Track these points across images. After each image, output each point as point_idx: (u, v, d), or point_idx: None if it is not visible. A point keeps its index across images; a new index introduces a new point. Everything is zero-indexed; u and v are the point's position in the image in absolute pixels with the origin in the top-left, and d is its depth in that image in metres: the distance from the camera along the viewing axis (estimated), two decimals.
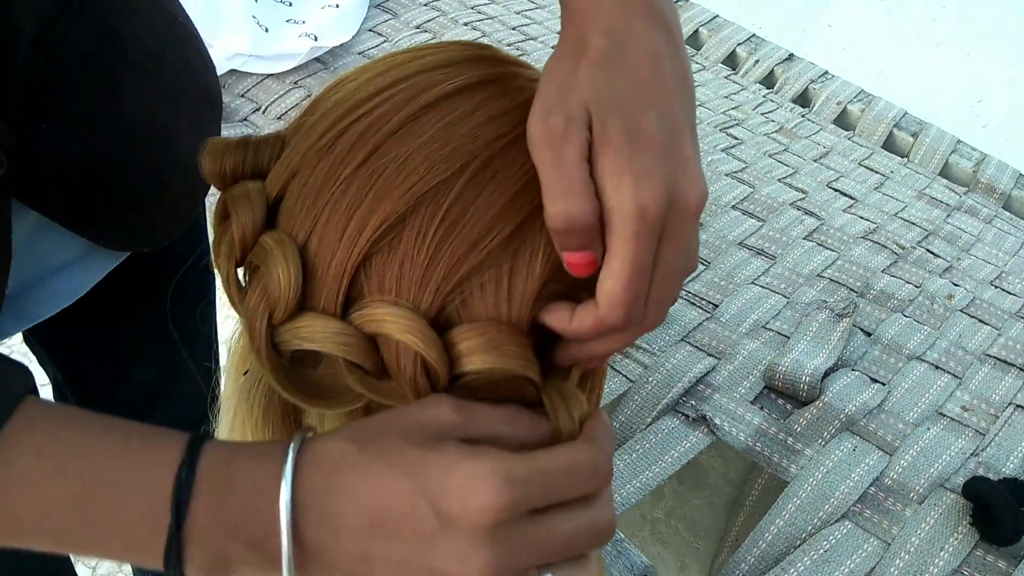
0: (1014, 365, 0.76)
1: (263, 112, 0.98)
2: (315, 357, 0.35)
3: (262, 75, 1.02)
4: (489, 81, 0.36)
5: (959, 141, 1.08)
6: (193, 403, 0.82)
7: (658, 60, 0.33)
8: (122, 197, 0.55)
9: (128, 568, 1.46)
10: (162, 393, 0.78)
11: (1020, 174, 1.04)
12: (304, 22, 1.08)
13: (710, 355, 0.73)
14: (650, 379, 0.71)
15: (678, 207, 0.31)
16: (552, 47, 1.15)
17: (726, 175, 0.96)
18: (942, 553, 0.60)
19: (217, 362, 0.87)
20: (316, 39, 1.05)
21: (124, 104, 0.52)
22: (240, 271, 0.36)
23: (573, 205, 0.30)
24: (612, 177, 0.31)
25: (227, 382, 0.42)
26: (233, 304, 0.36)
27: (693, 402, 0.69)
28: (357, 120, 0.34)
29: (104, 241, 0.56)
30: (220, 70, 1.00)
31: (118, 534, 0.30)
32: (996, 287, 0.87)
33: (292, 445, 0.31)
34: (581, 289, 0.36)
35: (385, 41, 1.12)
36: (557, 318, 0.34)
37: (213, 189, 0.86)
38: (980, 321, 0.81)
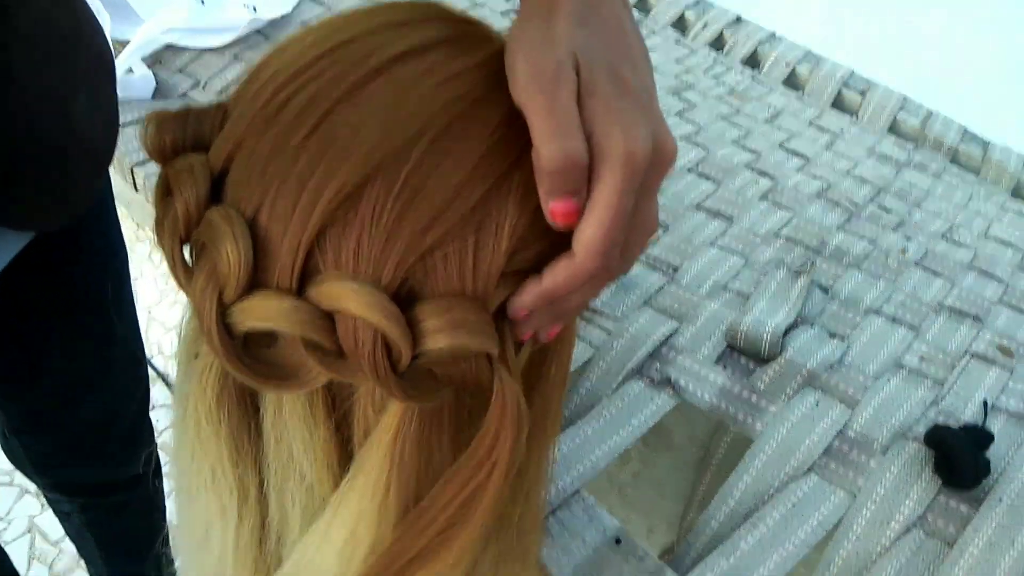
0: (968, 315, 0.78)
1: (203, 87, 0.94)
2: (270, 337, 0.33)
3: (200, 49, 0.98)
4: (443, 41, 0.34)
5: (906, 98, 1.10)
6: (119, 394, 0.80)
7: (624, 24, 0.34)
8: (19, 173, 0.52)
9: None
10: (87, 383, 0.75)
11: (965, 129, 1.06)
12: None
13: (672, 318, 0.73)
14: (614, 345, 0.70)
15: (658, 157, 0.31)
16: (501, 13, 1.14)
17: (680, 139, 0.95)
18: (907, 501, 0.61)
19: (141, 349, 0.85)
20: (255, 10, 1.01)
21: (14, 76, 0.49)
22: (186, 250, 0.34)
23: (570, 143, 0.30)
24: (602, 123, 0.30)
25: (179, 368, 0.40)
26: (180, 285, 0.33)
27: (658, 365, 0.69)
28: (304, 86, 0.32)
29: (3, 220, 0.53)
30: (155, 45, 0.96)
31: None
32: (948, 240, 0.89)
33: None
34: (546, 262, 0.35)
35: (327, 11, 1.08)
36: (528, 293, 0.33)
37: (120, 160, 0.83)
38: (934, 273, 0.82)
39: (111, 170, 0.71)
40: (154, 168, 0.79)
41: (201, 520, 0.42)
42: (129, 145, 0.84)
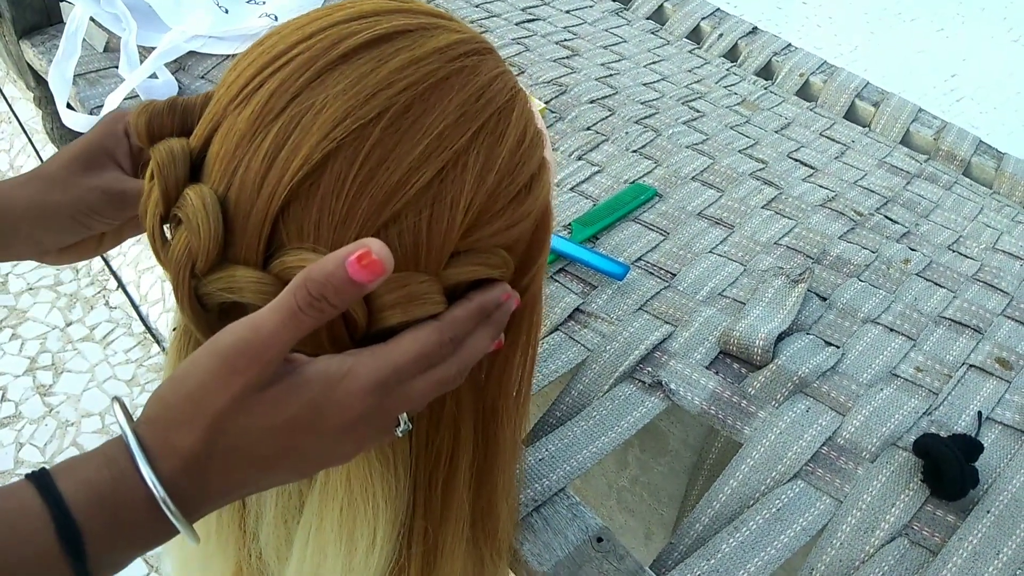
0: (968, 326, 0.77)
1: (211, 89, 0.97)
2: (242, 310, 0.35)
3: (222, 56, 1.01)
4: (408, 30, 0.36)
5: (920, 110, 1.09)
6: None
7: None
8: None
9: None
10: None
11: (980, 141, 1.05)
12: (264, 3, 1.08)
13: (667, 323, 0.74)
14: (608, 348, 0.71)
15: None
16: (516, 23, 1.16)
17: (687, 147, 0.96)
18: (893, 509, 0.61)
19: None
20: (276, 19, 1.04)
21: None
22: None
23: None
24: None
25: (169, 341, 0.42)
26: (158, 259, 0.36)
27: (650, 368, 0.70)
28: (277, 71, 0.35)
29: None
30: (179, 52, 1.00)
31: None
32: (954, 251, 0.88)
33: (145, 471, 0.31)
34: (504, 241, 0.36)
35: None
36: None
37: None
38: (936, 284, 0.82)
39: None
40: None
41: None
42: None
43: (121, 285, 1.77)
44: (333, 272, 0.30)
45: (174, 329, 0.39)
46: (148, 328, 1.72)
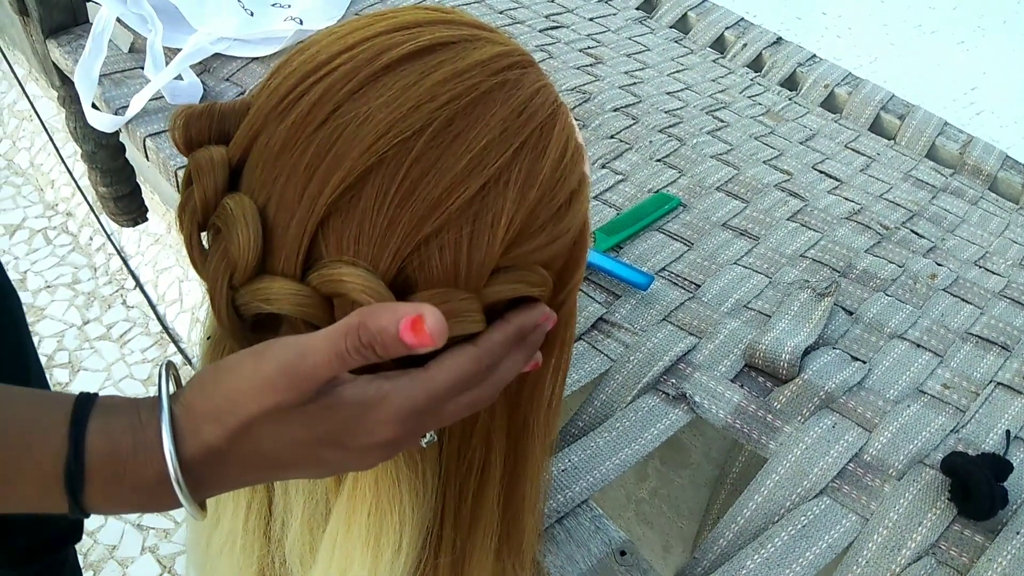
0: (996, 343, 0.76)
1: (248, 95, 0.97)
2: (277, 321, 0.35)
3: (247, 59, 1.01)
4: (451, 43, 0.36)
5: (946, 123, 1.08)
6: None
7: None
8: None
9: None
10: None
11: (1006, 156, 1.04)
12: (290, 6, 1.08)
13: (691, 334, 0.73)
14: (631, 358, 0.71)
15: None
16: (540, 31, 1.15)
17: (711, 157, 0.96)
18: (920, 528, 0.61)
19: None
20: (301, 23, 1.04)
21: None
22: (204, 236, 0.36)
23: None
24: None
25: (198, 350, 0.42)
26: (195, 267, 0.36)
27: (673, 380, 0.69)
28: (319, 81, 0.34)
29: None
30: (205, 54, 1.00)
31: (20, 499, 0.32)
32: (980, 267, 0.87)
33: (168, 450, 0.31)
34: (544, 258, 0.36)
35: None
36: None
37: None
38: (963, 300, 0.81)
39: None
40: None
41: (211, 503, 0.44)
42: (172, 150, 0.87)
43: (139, 284, 1.77)
44: (385, 328, 0.30)
45: (208, 338, 0.39)
46: (165, 328, 1.73)
